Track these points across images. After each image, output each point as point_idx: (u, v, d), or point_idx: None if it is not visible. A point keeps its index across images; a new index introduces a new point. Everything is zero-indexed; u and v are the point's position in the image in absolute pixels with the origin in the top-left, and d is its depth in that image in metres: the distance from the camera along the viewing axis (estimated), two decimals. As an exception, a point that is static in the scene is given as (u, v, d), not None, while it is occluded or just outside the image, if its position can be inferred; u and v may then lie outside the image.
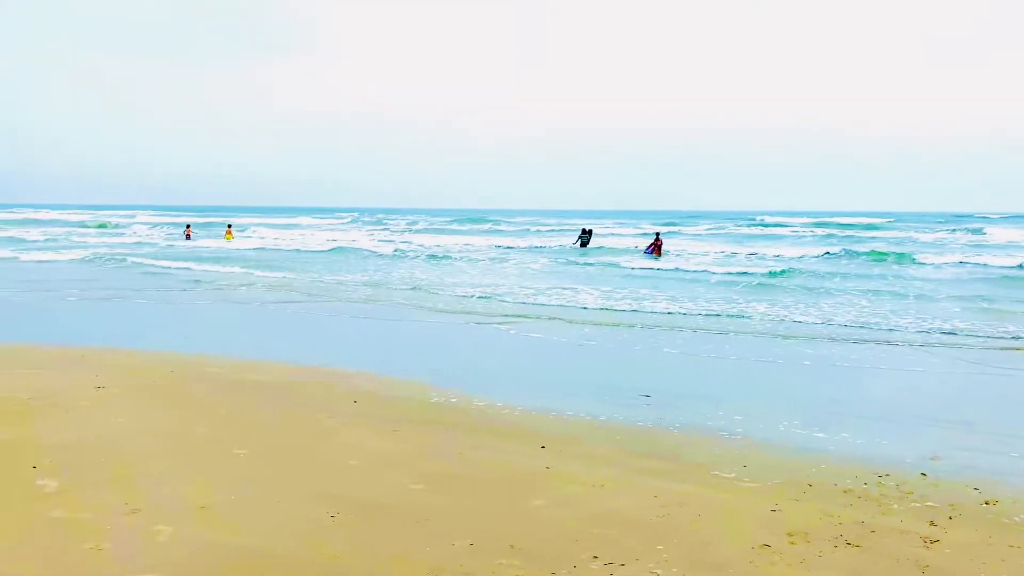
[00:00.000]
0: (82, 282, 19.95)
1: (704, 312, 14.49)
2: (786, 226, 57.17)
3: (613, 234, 47.73)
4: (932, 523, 4.74)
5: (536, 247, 37.47)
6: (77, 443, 5.83)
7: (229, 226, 47.08)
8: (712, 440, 6.48)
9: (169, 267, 25.13)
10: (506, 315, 14.06)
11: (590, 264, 27.31)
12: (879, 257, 29.58)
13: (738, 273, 22.95)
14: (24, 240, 40.32)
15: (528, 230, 54.32)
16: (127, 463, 5.45)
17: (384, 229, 58.25)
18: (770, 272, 22.98)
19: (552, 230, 53.30)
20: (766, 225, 59.15)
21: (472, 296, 16.98)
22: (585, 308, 15.07)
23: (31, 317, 14.23)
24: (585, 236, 37.21)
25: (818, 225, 56.86)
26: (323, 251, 34.36)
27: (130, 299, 16.69)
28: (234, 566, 3.96)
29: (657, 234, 33.77)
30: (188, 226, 47.85)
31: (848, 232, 49.44)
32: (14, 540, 4.17)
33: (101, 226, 58.42)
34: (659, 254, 31.04)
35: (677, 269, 24.75)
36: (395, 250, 33.87)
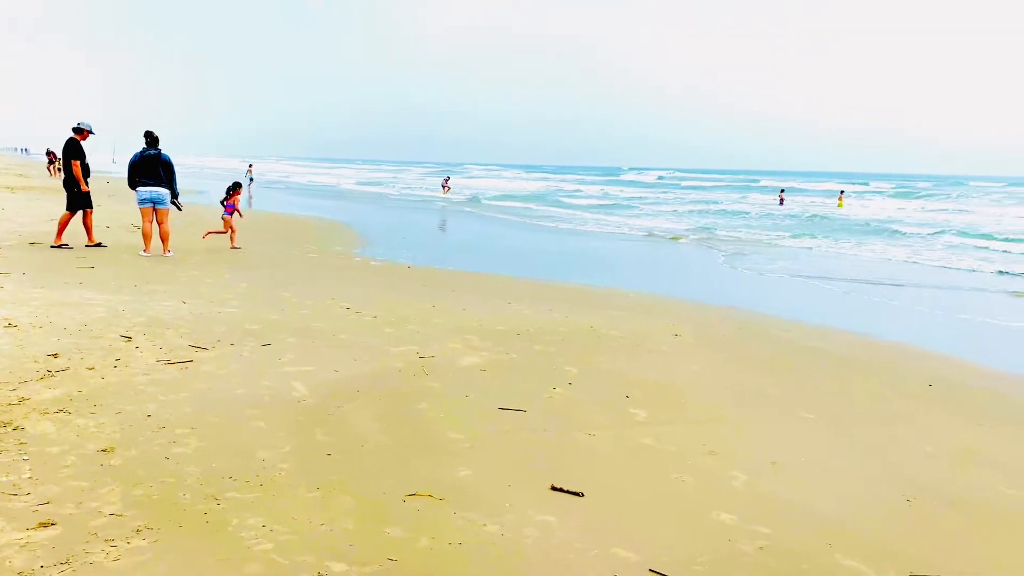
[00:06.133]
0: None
1: None
2: None
3: None
4: None
5: None
6: (659, 383, 6.48)
7: (841, 192, 45.72)
8: None
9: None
10: None
11: None
12: None
13: None
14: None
15: None
16: (702, 408, 5.89)
17: None
18: None
19: None
20: None
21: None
22: None
23: (624, 268, 16.25)
24: None
25: None
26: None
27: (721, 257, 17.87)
28: (805, 526, 4.00)
29: None
30: None
31: None
32: (612, 454, 4.83)
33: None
34: None
35: None
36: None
